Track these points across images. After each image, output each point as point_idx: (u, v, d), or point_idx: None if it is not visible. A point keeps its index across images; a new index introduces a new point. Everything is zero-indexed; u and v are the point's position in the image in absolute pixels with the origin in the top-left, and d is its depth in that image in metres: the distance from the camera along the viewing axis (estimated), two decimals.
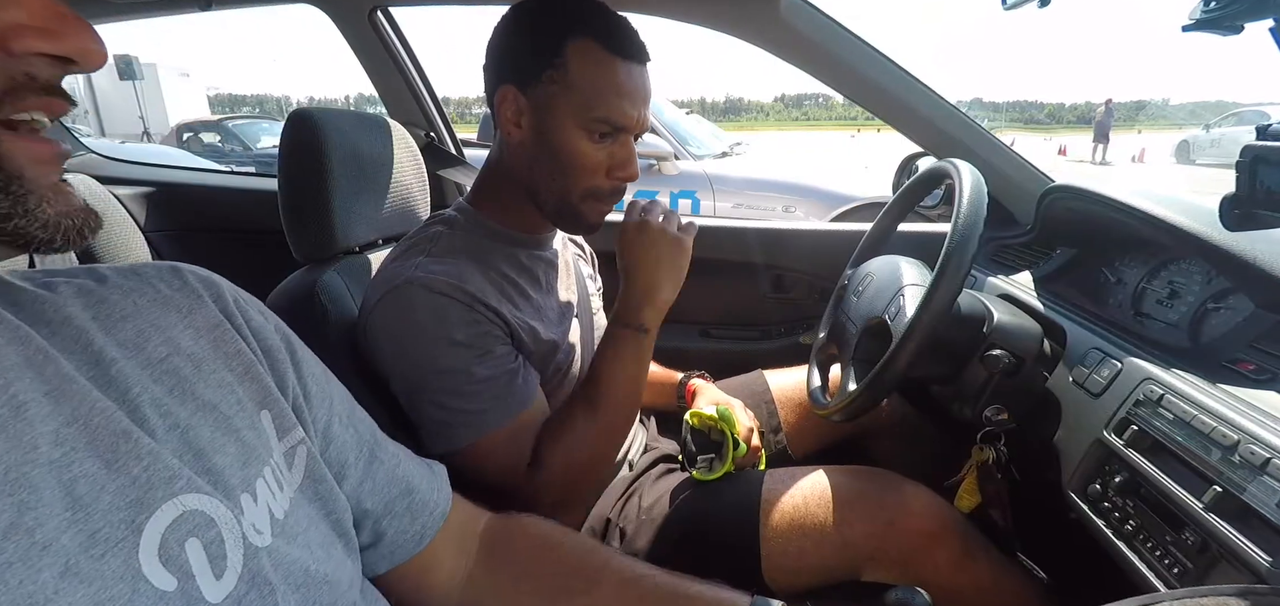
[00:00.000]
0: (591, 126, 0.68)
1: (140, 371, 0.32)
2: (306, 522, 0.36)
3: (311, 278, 0.74)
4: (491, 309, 0.67)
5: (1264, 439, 0.50)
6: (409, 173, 0.93)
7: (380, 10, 1.28)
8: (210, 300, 0.38)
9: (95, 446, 0.28)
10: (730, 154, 3.87)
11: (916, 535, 0.73)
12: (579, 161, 0.69)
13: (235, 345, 0.37)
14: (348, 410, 0.45)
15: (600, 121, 0.67)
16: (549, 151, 0.69)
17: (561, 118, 0.68)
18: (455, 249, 0.70)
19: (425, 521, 0.48)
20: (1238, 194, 0.55)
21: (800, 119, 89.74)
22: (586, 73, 0.66)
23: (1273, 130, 0.53)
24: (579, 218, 0.73)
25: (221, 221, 1.58)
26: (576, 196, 0.71)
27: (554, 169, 0.70)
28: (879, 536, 0.73)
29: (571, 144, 0.68)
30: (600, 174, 0.70)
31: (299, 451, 0.38)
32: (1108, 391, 0.66)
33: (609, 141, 0.70)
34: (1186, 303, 0.75)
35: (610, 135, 0.69)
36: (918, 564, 0.73)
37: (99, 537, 0.26)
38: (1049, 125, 61.12)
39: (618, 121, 0.68)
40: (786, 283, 1.37)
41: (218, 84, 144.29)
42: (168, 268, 0.38)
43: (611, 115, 0.67)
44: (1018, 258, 1.05)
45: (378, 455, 0.46)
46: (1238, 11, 0.51)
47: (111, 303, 0.34)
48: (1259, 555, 0.47)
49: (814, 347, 0.97)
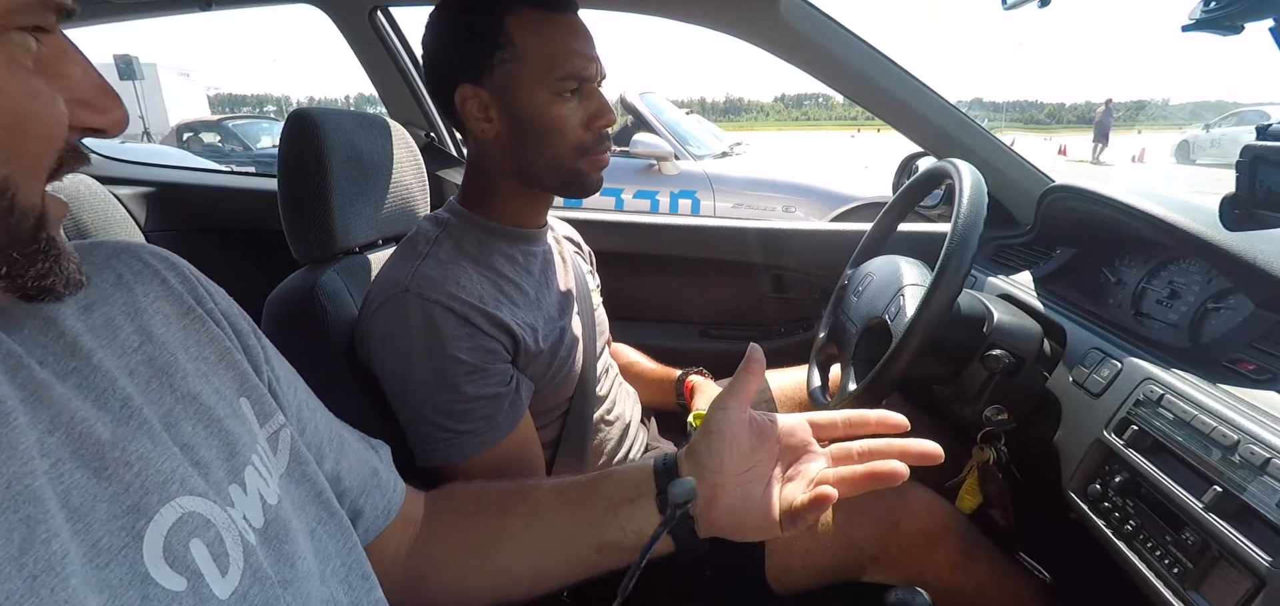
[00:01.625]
0: (559, 87, 0.68)
1: (115, 361, 0.32)
2: (296, 506, 0.36)
3: (311, 278, 0.74)
4: (490, 316, 0.66)
5: (1264, 439, 0.50)
6: (409, 173, 0.92)
7: (380, 10, 1.28)
8: (175, 282, 0.37)
9: (81, 455, 0.28)
10: (730, 154, 3.87)
11: (919, 535, 0.73)
12: (559, 124, 0.69)
13: (208, 331, 0.37)
14: (309, 393, 0.46)
15: (566, 79, 0.68)
16: (528, 129, 0.69)
17: (528, 91, 0.67)
18: (453, 252, 0.70)
19: (391, 497, 0.49)
20: (1238, 194, 0.55)
21: (800, 119, 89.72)
22: (534, 39, 0.66)
23: (1273, 130, 0.53)
24: (580, 176, 0.72)
25: (221, 221, 1.58)
26: (570, 158, 0.71)
27: (539, 143, 0.70)
28: (882, 537, 0.74)
29: (547, 111, 0.68)
30: (581, 128, 0.70)
31: (282, 436, 0.38)
32: (1108, 391, 0.66)
33: (578, 96, 0.70)
34: (1186, 303, 0.75)
35: (577, 90, 0.69)
36: (919, 564, 0.73)
37: (102, 547, 0.27)
38: (1049, 125, 61.10)
39: (581, 72, 0.68)
40: (786, 282, 1.37)
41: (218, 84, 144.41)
42: (122, 246, 0.37)
43: (573, 68, 0.68)
44: (1018, 257, 1.05)
45: (344, 436, 0.47)
46: (1238, 11, 0.51)
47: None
48: (1259, 555, 0.47)
49: (814, 347, 0.97)
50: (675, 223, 1.47)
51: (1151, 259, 0.84)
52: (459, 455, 0.66)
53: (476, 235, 0.73)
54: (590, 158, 0.72)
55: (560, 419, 0.81)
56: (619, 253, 1.32)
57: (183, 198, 1.59)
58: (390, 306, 0.66)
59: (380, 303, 0.66)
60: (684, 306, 1.41)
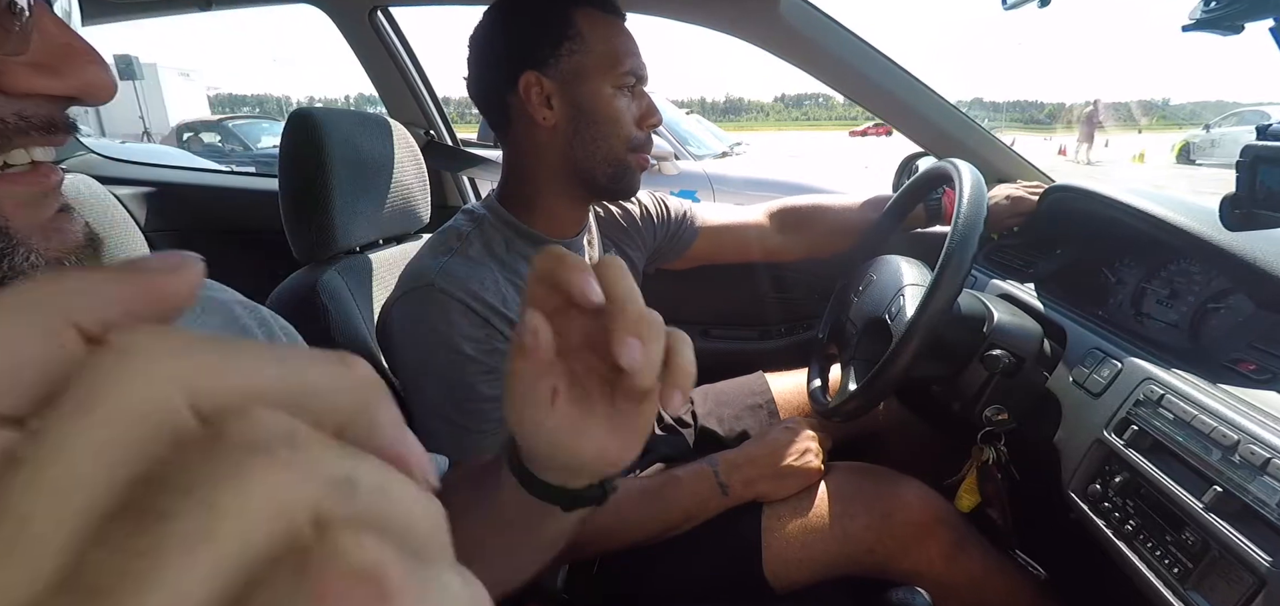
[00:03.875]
0: (621, 81, 0.72)
1: None
2: None
3: (312, 277, 0.74)
4: (511, 322, 0.66)
5: (1264, 439, 0.50)
6: (409, 172, 0.93)
7: (380, 10, 1.28)
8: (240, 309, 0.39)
9: None
10: (730, 154, 3.86)
11: (910, 526, 0.75)
12: (620, 116, 0.72)
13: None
14: None
15: (628, 75, 0.72)
16: (590, 118, 0.71)
17: (595, 83, 0.71)
18: (482, 252, 0.70)
19: None
20: (1238, 194, 0.55)
21: (800, 119, 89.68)
22: (600, 35, 0.70)
23: (1273, 130, 0.53)
24: (629, 173, 0.75)
25: (221, 221, 1.58)
26: (622, 151, 0.74)
27: (598, 134, 0.72)
28: (876, 530, 0.75)
29: (610, 104, 0.71)
30: (635, 125, 0.74)
31: None
32: (1108, 391, 0.66)
33: (632, 94, 0.74)
34: (1186, 303, 0.75)
35: (633, 88, 0.73)
36: (912, 555, 0.74)
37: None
38: (1049, 125, 61.06)
39: (640, 72, 0.73)
40: (786, 283, 1.37)
41: (218, 84, 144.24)
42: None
43: (635, 67, 0.72)
44: (1018, 258, 1.05)
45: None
46: (1238, 11, 0.51)
47: None
48: (1259, 555, 0.47)
49: (814, 348, 0.97)
50: None
51: (1151, 259, 0.84)
52: (467, 454, 0.65)
53: (506, 237, 0.73)
54: (638, 155, 0.75)
55: None
56: None
57: (183, 198, 1.59)
58: (413, 298, 0.67)
59: (404, 292, 0.68)
60: (684, 306, 1.40)
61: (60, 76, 0.25)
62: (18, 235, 0.26)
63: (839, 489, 0.79)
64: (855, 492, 0.78)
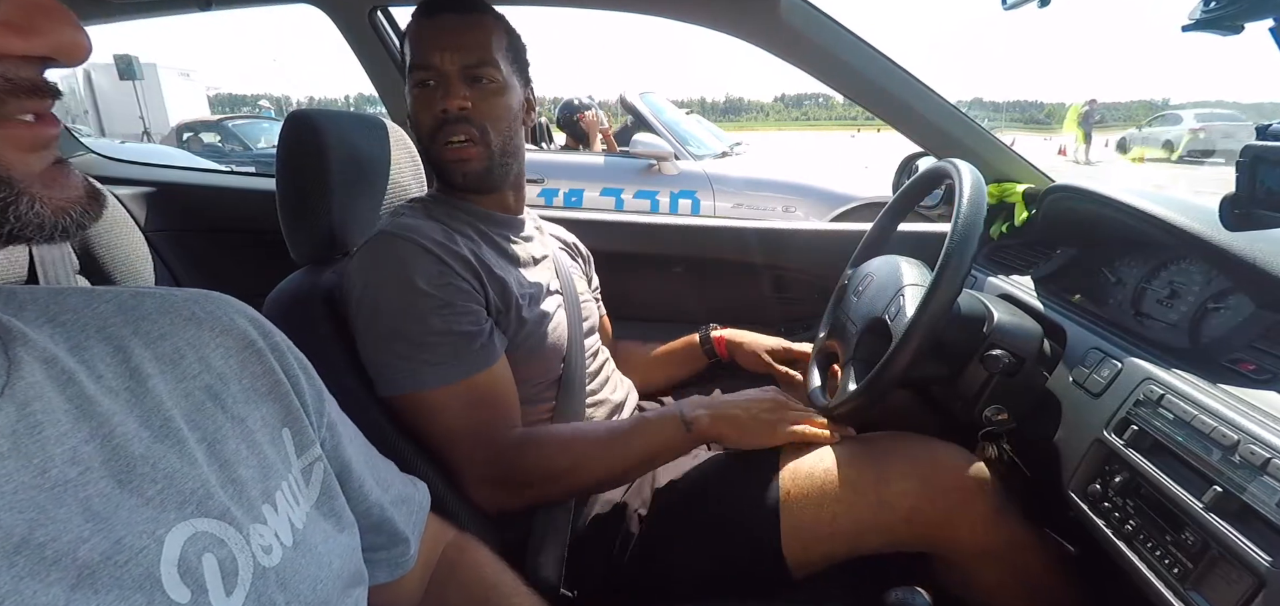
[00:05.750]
0: (418, 79, 0.76)
1: (171, 387, 0.33)
2: (322, 536, 0.38)
3: (310, 278, 0.74)
4: (460, 257, 0.72)
5: (1264, 439, 0.50)
6: (407, 173, 0.93)
7: (380, 10, 1.28)
8: (243, 321, 0.40)
9: (110, 466, 0.29)
10: (730, 154, 3.86)
11: (952, 490, 0.71)
12: (416, 113, 0.78)
13: (263, 364, 0.39)
14: (352, 433, 0.47)
15: (414, 69, 0.76)
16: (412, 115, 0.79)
17: (409, 82, 0.78)
18: (429, 212, 0.78)
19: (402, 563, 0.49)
20: (1238, 194, 0.55)
21: (800, 119, 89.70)
22: (410, 34, 0.77)
23: (1273, 130, 0.53)
24: (442, 165, 0.79)
25: (221, 221, 1.58)
26: (427, 143, 0.78)
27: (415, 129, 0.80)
28: (915, 495, 0.70)
29: (413, 101, 0.77)
30: (426, 114, 0.77)
31: (315, 469, 0.40)
32: (1108, 391, 0.66)
33: (431, 88, 0.76)
34: (1186, 302, 0.75)
35: (427, 80, 0.76)
36: (955, 523, 0.70)
37: (124, 545, 0.27)
38: (1049, 125, 61.07)
39: (417, 59, 0.75)
40: (786, 282, 1.37)
41: (218, 84, 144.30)
42: (199, 293, 0.39)
43: (413, 57, 0.76)
44: (1018, 257, 1.05)
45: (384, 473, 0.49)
46: (1238, 11, 0.51)
47: (151, 320, 0.35)
48: (1259, 555, 0.47)
49: (814, 347, 0.97)
50: (675, 223, 1.47)
51: (1151, 259, 0.84)
52: (421, 384, 0.68)
53: (452, 206, 0.81)
54: (441, 147, 0.79)
55: (548, 412, 0.82)
56: (619, 252, 1.32)
57: (183, 197, 1.58)
58: (367, 246, 0.72)
59: (361, 247, 0.73)
60: (684, 306, 1.40)
61: (33, 36, 0.25)
62: (20, 184, 0.26)
63: (870, 453, 0.74)
64: (889, 455, 0.74)
